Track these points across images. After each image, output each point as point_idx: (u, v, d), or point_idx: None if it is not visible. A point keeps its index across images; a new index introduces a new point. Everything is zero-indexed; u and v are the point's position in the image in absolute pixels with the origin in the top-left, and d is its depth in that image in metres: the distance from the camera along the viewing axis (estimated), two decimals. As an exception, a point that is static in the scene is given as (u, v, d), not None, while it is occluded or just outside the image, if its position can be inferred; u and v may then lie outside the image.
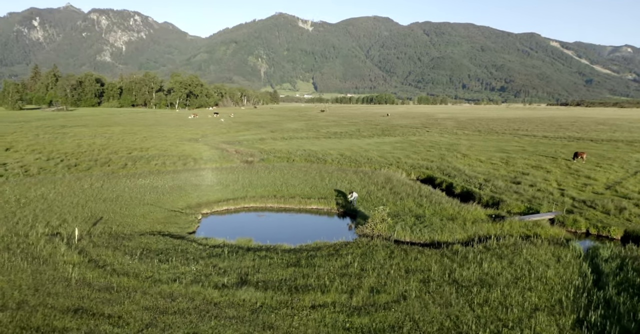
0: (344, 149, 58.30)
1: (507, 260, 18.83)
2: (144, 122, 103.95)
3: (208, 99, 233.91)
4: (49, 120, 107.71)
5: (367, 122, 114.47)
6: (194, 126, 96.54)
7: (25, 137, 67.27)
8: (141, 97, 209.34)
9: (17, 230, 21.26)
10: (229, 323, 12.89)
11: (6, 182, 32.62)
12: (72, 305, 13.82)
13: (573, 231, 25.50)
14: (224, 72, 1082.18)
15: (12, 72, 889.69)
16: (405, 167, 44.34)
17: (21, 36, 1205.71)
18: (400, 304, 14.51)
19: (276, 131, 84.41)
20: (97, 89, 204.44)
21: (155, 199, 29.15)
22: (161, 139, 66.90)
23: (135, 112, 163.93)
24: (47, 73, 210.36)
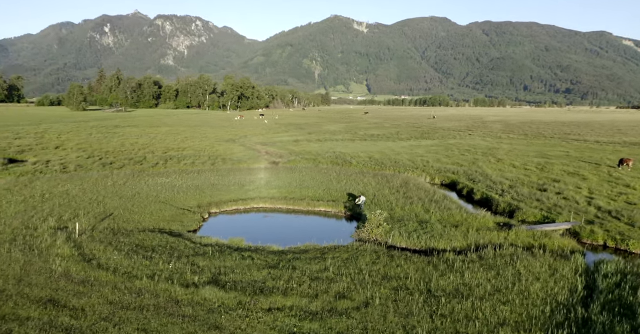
0: (375, 151, 57.64)
1: (495, 271, 17.90)
2: (190, 123, 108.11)
3: (259, 101, 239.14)
4: (106, 120, 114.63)
5: (410, 125, 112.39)
6: (237, 127, 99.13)
7: (78, 136, 71.98)
8: (195, 98, 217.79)
9: (30, 223, 22.82)
10: (179, 321, 13.18)
11: (41, 178, 35.09)
12: (45, 296, 14.68)
13: (588, 243, 23.79)
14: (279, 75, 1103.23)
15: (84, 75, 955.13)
16: (430, 171, 43.20)
17: (94, 42, 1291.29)
18: (359, 311, 14.20)
19: (313, 133, 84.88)
20: (154, 91, 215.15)
21: (169, 197, 30.25)
22: (200, 140, 69.25)
23: (187, 113, 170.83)
24: (111, 76, 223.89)
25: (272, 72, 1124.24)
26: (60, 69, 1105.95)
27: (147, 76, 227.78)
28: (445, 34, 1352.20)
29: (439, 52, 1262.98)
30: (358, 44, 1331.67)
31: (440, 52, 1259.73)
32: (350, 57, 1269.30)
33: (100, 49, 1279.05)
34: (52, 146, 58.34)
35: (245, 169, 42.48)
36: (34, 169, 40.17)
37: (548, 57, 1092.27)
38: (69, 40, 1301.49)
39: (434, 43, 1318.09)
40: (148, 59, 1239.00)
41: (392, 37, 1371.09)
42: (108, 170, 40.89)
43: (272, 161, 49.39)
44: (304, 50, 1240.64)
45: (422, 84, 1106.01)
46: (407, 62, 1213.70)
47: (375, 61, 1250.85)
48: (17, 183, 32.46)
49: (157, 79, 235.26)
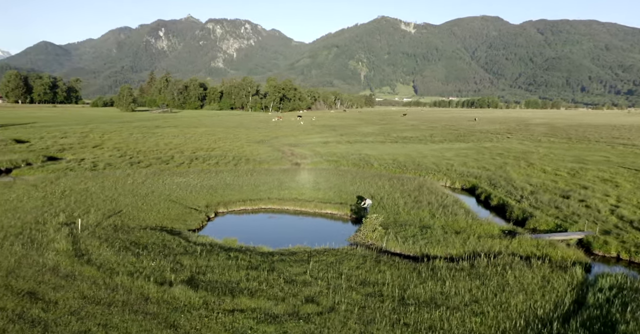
0: (402, 154, 56.69)
1: (480, 280, 17.15)
2: (228, 124, 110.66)
3: (301, 103, 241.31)
4: (149, 121, 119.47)
5: (447, 127, 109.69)
6: (272, 128, 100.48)
7: (119, 136, 75.46)
8: (239, 100, 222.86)
9: (41, 218, 24.13)
10: (140, 318, 13.49)
11: (69, 175, 37.03)
12: (27, 288, 15.46)
13: (600, 255, 22.31)
14: (324, 76, 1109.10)
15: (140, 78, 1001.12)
16: (453, 175, 42.01)
17: (149, 45, 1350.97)
18: (321, 317, 14.00)
19: (345, 135, 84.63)
20: (199, 93, 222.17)
21: (181, 197, 31.07)
22: (232, 141, 70.73)
23: (229, 114, 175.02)
24: (160, 78, 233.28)
25: (318, 74, 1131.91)
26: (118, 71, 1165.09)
27: (193, 78, 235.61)
28: (497, 33, 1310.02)
29: (490, 52, 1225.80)
30: (405, 44, 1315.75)
31: (491, 52, 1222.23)
32: (397, 58, 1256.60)
33: (155, 53, 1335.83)
34: (92, 145, 61.49)
35: (265, 170, 42.95)
36: (66, 166, 42.50)
37: (609, 57, 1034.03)
38: (126, 44, 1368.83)
39: (485, 43, 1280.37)
40: (199, 61, 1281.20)
41: (441, 37, 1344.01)
42: (134, 169, 42.51)
43: (294, 162, 49.66)
44: (350, 52, 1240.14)
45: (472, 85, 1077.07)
46: (456, 62, 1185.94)
47: (422, 62, 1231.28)
48: (44, 180, 34.44)
49: (202, 81, 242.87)
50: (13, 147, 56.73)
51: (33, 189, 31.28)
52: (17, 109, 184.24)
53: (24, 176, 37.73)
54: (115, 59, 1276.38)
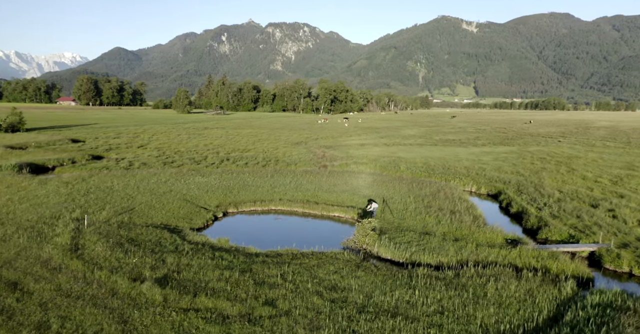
0: (436, 157, 55.13)
1: (456, 291, 16.41)
2: (274, 126, 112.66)
3: (352, 104, 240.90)
4: (200, 122, 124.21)
5: (497, 130, 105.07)
6: (314, 130, 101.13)
7: (167, 136, 79.12)
8: (291, 102, 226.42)
9: (58, 213, 25.79)
10: (98, 312, 14.11)
11: (100, 174, 39.35)
12: (13, 278, 16.63)
13: (610, 270, 20.56)
14: (381, 78, 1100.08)
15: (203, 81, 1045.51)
16: (481, 180, 40.29)
17: (212, 50, 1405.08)
18: (273, 320, 13.98)
19: (386, 137, 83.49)
20: (253, 95, 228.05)
21: (196, 196, 32.07)
22: (270, 142, 71.99)
23: (279, 116, 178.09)
24: (217, 81, 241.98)
25: (374, 76, 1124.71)
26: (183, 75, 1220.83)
27: (247, 81, 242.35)
28: (567, 31, 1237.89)
29: (558, 51, 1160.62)
30: (466, 44, 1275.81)
31: (560, 51, 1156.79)
32: (457, 59, 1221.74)
33: (217, 57, 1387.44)
34: (137, 145, 64.93)
35: (288, 171, 43.32)
36: (104, 165, 45.21)
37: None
38: (191, 49, 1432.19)
39: (553, 41, 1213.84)
40: (259, 65, 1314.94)
41: (505, 36, 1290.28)
42: (166, 168, 44.35)
43: (323, 164, 49.70)
44: (408, 53, 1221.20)
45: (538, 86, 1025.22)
46: (521, 62, 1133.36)
47: (484, 62, 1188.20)
48: (77, 178, 36.82)
49: (256, 84, 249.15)
50: (66, 147, 61.12)
51: (63, 186, 33.56)
52: (85, 110, 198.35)
53: (64, 174, 40.52)
54: (181, 63, 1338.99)
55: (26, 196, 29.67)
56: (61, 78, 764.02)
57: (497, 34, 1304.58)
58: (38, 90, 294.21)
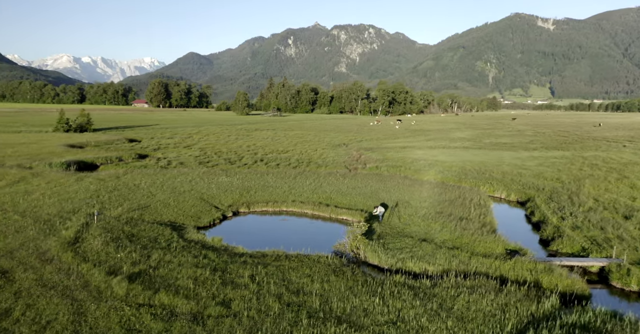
0: (476, 162, 52.78)
1: (423, 301, 15.70)
2: (324, 127, 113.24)
3: (412, 106, 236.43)
4: (254, 124, 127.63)
5: (557, 133, 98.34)
6: (363, 132, 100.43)
7: (216, 137, 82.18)
8: (348, 104, 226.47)
9: (78, 208, 27.70)
10: (62, 302, 14.96)
11: (135, 172, 41.66)
12: (7, 267, 17.99)
13: (618, 288, 18.67)
14: (448, 79, 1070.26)
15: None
16: (513, 186, 38.13)
17: (279, 53, 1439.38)
18: (218, 320, 14.12)
19: (433, 139, 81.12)
20: (310, 97, 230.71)
21: (212, 195, 33.04)
22: (312, 144, 72.50)
23: (333, 118, 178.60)
24: (278, 84, 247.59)
25: (441, 77, 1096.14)
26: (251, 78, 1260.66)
27: (305, 83, 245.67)
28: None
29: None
30: (542, 42, 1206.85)
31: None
32: (531, 58, 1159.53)
33: (283, 60, 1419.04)
34: (185, 145, 68.05)
35: (314, 172, 43.39)
36: (145, 164, 47.87)
37: None
38: (259, 53, 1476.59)
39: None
40: (324, 67, 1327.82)
41: (585, 33, 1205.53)
42: (200, 168, 46.05)
43: (354, 167, 49.32)
44: (477, 52, 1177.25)
45: (622, 86, 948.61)
46: (604, 60, 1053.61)
47: (562, 61, 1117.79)
48: (112, 175, 39.27)
49: (314, 86, 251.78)
50: (121, 146, 65.36)
51: (97, 182, 35.95)
52: (153, 112, 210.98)
53: (105, 171, 43.40)
54: (249, 67, 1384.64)
55: (58, 192, 32.13)
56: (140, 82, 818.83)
57: (576, 31, 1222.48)
58: (116, 93, 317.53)
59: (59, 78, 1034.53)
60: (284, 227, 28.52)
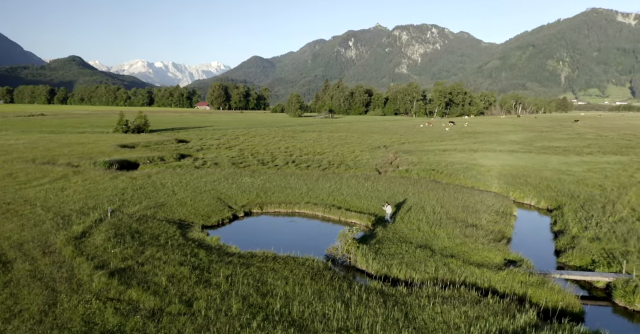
0: (517, 166, 50.11)
1: (389, 310, 15.18)
2: (370, 129, 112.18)
3: (470, 107, 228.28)
4: (303, 126, 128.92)
5: (622, 137, 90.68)
6: (409, 134, 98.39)
7: (261, 138, 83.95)
8: (403, 106, 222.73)
9: (98, 205, 29.32)
10: (41, 293, 15.89)
11: (166, 171, 43.53)
12: (11, 258, 19.37)
13: (621, 306, 17.00)
14: (516, 79, 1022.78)
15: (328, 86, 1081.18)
16: (547, 193, 35.90)
17: (339, 55, 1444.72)
18: (173, 318, 14.40)
19: (480, 142, 77.85)
20: (364, 99, 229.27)
21: (229, 195, 33.82)
22: (351, 145, 72.12)
23: (385, 120, 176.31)
24: (333, 86, 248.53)
25: (508, 77, 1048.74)
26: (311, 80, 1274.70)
27: (359, 85, 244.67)
28: None
29: None
30: (622, 39, 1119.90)
31: None
32: (609, 56, 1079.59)
33: (344, 62, 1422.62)
34: (227, 146, 70.15)
35: (339, 175, 43.13)
36: (181, 164, 49.91)
37: None
38: (320, 55, 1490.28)
39: None
40: (384, 68, 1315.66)
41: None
42: (232, 168, 47.28)
43: (384, 170, 48.56)
44: (548, 51, 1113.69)
45: None
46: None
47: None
48: (145, 174, 41.23)
49: (368, 88, 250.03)
50: (168, 146, 68.50)
51: (128, 181, 37.97)
52: (212, 114, 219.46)
53: (143, 170, 45.73)
54: (310, 69, 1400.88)
55: (88, 189, 34.32)
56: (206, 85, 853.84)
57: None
58: (181, 96, 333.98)
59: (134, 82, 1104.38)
60: (289, 228, 28.62)
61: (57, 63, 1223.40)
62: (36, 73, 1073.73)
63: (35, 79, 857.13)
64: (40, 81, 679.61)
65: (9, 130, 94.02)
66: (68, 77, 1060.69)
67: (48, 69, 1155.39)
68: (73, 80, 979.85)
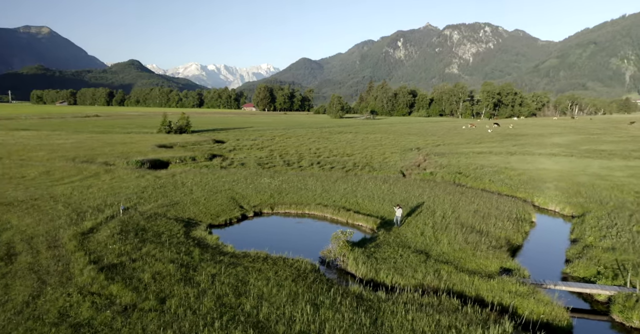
0: (552, 170, 47.70)
1: (359, 315, 14.90)
2: (408, 131, 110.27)
3: (521, 108, 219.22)
4: (342, 127, 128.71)
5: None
6: (447, 136, 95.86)
7: (297, 140, 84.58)
8: (449, 107, 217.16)
9: (115, 202, 30.58)
10: (31, 285, 16.81)
11: (189, 171, 44.79)
12: (19, 250, 20.65)
13: (618, 322, 15.79)
14: (576, 78, 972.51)
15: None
16: (575, 199, 33.97)
17: (387, 56, 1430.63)
18: (141, 313, 14.79)
19: (520, 145, 74.60)
20: (408, 100, 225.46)
21: (243, 195, 34.31)
22: (384, 147, 71.21)
23: (428, 121, 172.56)
24: (377, 86, 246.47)
25: (567, 76, 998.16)
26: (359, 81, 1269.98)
27: (402, 86, 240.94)
28: None
29: None
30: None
31: None
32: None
33: (392, 62, 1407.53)
34: (259, 146, 71.25)
35: (360, 176, 42.73)
36: (209, 164, 51.21)
37: None
38: (368, 56, 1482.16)
39: None
40: (434, 68, 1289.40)
41: None
42: (257, 168, 48.01)
43: (409, 172, 47.64)
44: (612, 48, 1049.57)
45: None
46: None
47: None
48: (170, 174, 42.64)
49: (413, 88, 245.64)
50: (203, 147, 70.44)
51: (152, 179, 39.42)
52: (255, 115, 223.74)
53: (172, 169, 47.36)
54: (358, 70, 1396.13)
55: (112, 186, 35.96)
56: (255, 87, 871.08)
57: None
58: (229, 98, 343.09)
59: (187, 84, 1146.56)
60: (295, 229, 28.67)
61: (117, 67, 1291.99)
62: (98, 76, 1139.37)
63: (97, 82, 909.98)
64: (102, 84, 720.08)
65: (63, 130, 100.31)
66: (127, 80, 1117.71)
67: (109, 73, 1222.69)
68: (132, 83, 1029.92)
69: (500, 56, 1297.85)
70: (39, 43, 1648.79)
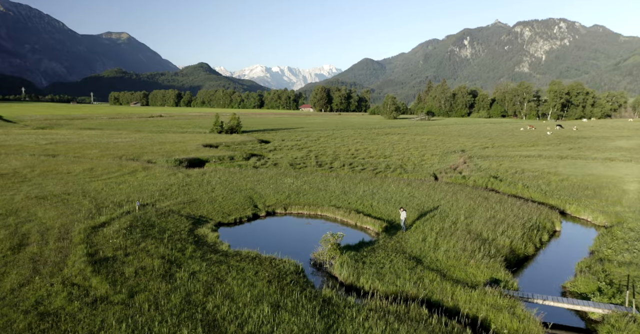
0: (601, 176, 44.20)
1: (318, 320, 14.68)
2: (459, 133, 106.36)
3: (594, 109, 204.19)
4: (391, 127, 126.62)
5: None
6: (499, 138, 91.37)
7: (340, 141, 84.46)
8: (512, 107, 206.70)
9: (136, 198, 32.12)
10: (24, 273, 18.03)
11: (222, 169, 46.06)
12: (30, 241, 22.28)
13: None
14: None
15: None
16: (613, 208, 31.48)
17: (453, 55, 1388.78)
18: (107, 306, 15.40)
19: (576, 148, 69.52)
20: (467, 101, 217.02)
21: (261, 194, 34.80)
22: (426, 149, 69.26)
23: (486, 122, 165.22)
24: (436, 86, 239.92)
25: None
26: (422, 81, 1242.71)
27: (461, 86, 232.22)
28: None
29: None
30: None
31: None
32: None
33: (457, 61, 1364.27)
34: (299, 147, 71.88)
35: (385, 179, 41.88)
36: (243, 163, 52.43)
37: None
38: (432, 56, 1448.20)
39: None
40: (502, 67, 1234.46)
41: None
42: (289, 169, 48.53)
43: (442, 176, 46.04)
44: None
45: None
46: None
47: None
48: (200, 172, 44.08)
49: (474, 88, 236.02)
50: (246, 147, 72.23)
51: (182, 177, 41.02)
52: (310, 116, 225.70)
53: (205, 168, 49.00)
54: (421, 70, 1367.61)
55: (142, 183, 37.82)
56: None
57: None
58: (288, 99, 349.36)
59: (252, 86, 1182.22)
60: (301, 230, 28.60)
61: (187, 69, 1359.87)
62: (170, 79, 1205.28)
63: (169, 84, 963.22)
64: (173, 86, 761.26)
65: (125, 129, 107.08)
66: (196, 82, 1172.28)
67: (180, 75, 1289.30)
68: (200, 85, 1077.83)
69: (577, 53, 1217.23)
70: (118, 48, 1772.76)
